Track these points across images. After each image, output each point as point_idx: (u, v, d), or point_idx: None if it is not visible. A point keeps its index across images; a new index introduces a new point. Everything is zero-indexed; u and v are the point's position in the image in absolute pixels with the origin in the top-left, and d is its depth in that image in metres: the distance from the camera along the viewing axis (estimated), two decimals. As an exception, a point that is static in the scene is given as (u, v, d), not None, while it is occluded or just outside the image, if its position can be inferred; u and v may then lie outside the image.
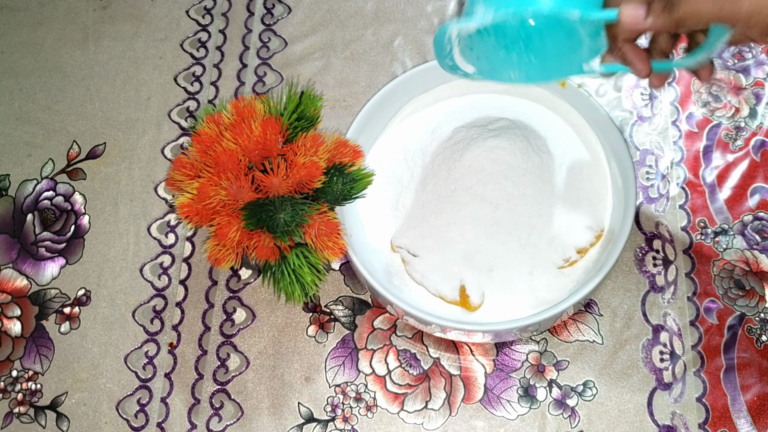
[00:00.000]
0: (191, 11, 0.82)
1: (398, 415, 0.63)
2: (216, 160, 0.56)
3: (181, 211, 0.57)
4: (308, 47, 0.79)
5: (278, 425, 0.64)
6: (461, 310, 0.62)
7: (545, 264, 0.63)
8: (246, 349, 0.66)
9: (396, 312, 0.63)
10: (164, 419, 0.64)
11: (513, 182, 0.62)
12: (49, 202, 0.73)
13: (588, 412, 0.63)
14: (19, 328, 0.68)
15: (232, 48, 0.80)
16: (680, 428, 0.62)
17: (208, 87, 0.78)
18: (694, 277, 0.67)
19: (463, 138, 0.64)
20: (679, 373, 0.63)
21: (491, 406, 0.63)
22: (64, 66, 0.80)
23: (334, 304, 0.67)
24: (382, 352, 0.66)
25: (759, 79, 0.75)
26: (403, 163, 0.67)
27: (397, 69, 0.78)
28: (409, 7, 0.81)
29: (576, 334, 0.65)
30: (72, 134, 0.76)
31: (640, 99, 0.75)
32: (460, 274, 0.63)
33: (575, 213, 0.64)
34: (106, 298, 0.69)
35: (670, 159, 0.72)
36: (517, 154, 0.62)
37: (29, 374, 0.67)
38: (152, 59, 0.80)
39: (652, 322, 0.65)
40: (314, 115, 0.61)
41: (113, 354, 0.67)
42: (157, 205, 0.73)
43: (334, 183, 0.59)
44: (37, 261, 0.71)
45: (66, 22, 0.82)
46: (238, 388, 0.65)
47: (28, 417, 0.65)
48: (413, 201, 0.65)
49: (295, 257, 0.58)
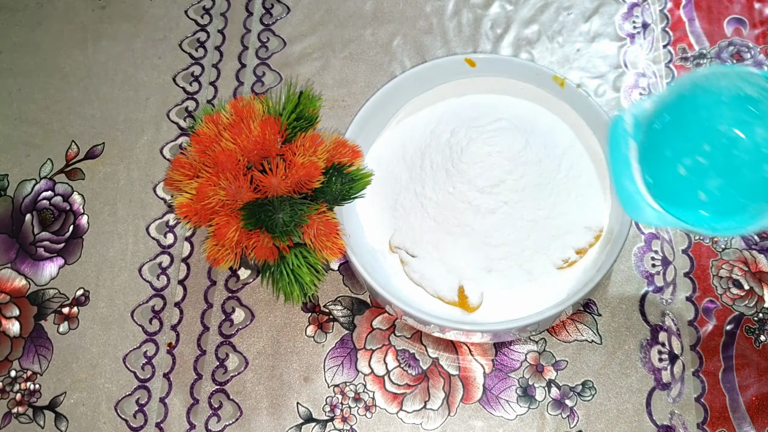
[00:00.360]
0: (190, 11, 0.82)
1: (397, 415, 0.63)
2: (215, 160, 0.56)
3: (179, 211, 0.57)
4: (307, 47, 0.79)
5: (277, 425, 0.64)
6: (460, 310, 0.62)
7: (544, 265, 0.63)
8: (245, 349, 0.66)
9: (395, 312, 0.63)
10: (163, 419, 0.64)
11: (512, 182, 0.62)
12: (48, 202, 0.73)
13: (587, 412, 0.63)
14: (17, 328, 0.68)
15: (231, 48, 0.80)
16: (679, 428, 0.62)
17: (206, 87, 0.78)
18: (692, 277, 0.67)
19: (463, 138, 0.64)
20: (678, 373, 0.64)
21: (490, 406, 0.63)
22: (63, 66, 0.80)
23: (332, 304, 0.67)
24: (380, 352, 0.66)
25: (757, 80, 0.75)
26: (402, 163, 0.67)
27: (396, 69, 0.78)
28: (408, 7, 0.81)
29: (575, 334, 0.65)
30: (71, 134, 0.76)
31: (639, 99, 0.75)
32: (458, 275, 0.63)
33: (574, 213, 0.64)
34: (105, 298, 0.69)
35: (669, 159, 0.72)
36: (516, 154, 0.62)
37: (28, 374, 0.66)
38: (151, 59, 0.80)
39: (650, 322, 0.65)
40: (313, 115, 0.61)
41: (112, 354, 0.67)
42: (155, 205, 0.73)
43: (333, 183, 0.59)
44: (35, 261, 0.71)
45: (64, 22, 0.82)
46: (237, 388, 0.65)
47: (27, 417, 0.65)
48: (412, 201, 0.65)
49: (294, 257, 0.58)
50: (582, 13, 0.80)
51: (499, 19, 0.80)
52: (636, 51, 0.77)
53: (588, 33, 0.78)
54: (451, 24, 0.80)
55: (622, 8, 0.80)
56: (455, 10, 0.80)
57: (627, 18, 0.79)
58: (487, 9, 0.80)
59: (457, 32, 0.79)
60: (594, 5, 0.80)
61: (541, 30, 0.79)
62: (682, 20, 0.78)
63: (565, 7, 0.80)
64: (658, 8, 0.79)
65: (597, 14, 0.79)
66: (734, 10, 0.78)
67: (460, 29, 0.79)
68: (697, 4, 0.79)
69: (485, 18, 0.80)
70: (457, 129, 0.65)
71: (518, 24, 0.79)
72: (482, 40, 0.79)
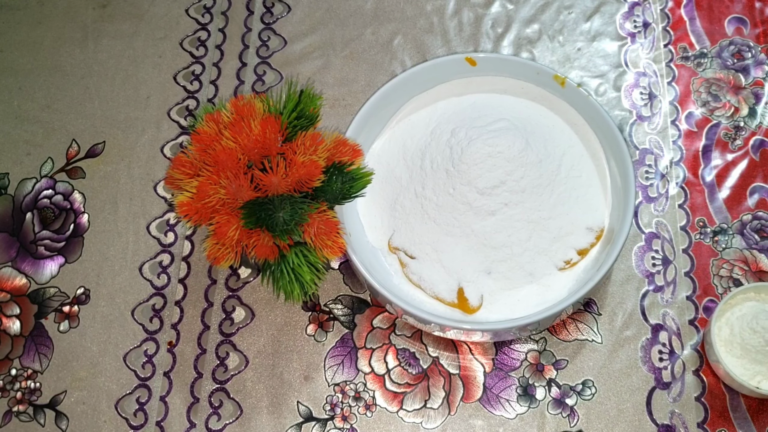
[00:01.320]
0: (191, 10, 0.82)
1: (397, 414, 0.63)
2: (215, 158, 0.56)
3: (180, 210, 0.57)
4: (308, 46, 0.79)
5: (277, 424, 0.64)
6: (460, 310, 0.62)
7: (545, 266, 0.63)
8: (245, 347, 0.66)
9: (395, 311, 0.63)
10: (163, 418, 0.64)
11: (512, 183, 0.62)
12: (49, 200, 0.73)
13: (587, 411, 0.63)
14: (18, 326, 0.68)
15: (232, 47, 0.80)
16: (679, 427, 0.62)
17: (207, 86, 0.78)
18: (693, 277, 0.67)
19: (463, 138, 0.64)
20: (678, 373, 0.64)
21: (490, 405, 0.63)
22: (64, 64, 0.80)
23: (333, 303, 0.67)
24: (381, 351, 0.66)
25: (758, 79, 0.75)
26: (402, 163, 0.67)
27: (397, 68, 0.78)
28: (408, 6, 0.81)
29: (575, 333, 0.65)
30: (71, 133, 0.76)
31: (640, 98, 0.75)
32: (458, 277, 0.62)
33: (575, 214, 0.64)
34: (106, 297, 0.69)
35: (670, 158, 0.72)
36: (516, 154, 0.62)
37: (28, 373, 0.67)
38: (152, 58, 0.80)
39: (651, 322, 0.65)
40: (314, 114, 0.61)
41: (112, 353, 0.67)
42: (156, 204, 0.73)
43: (333, 182, 0.59)
44: (36, 259, 0.71)
45: (65, 21, 0.82)
46: (237, 387, 0.65)
47: (27, 415, 0.65)
48: (412, 201, 0.65)
49: (295, 256, 0.58)
50: (583, 12, 0.80)
51: (499, 18, 0.80)
52: (637, 50, 0.77)
53: (589, 32, 0.78)
54: (451, 23, 0.80)
55: (622, 7, 0.79)
56: (456, 9, 0.80)
57: (628, 17, 0.79)
58: (487, 8, 0.80)
59: (457, 31, 0.79)
60: (595, 4, 0.80)
61: (542, 29, 0.79)
62: (683, 19, 0.78)
63: (565, 6, 0.80)
64: (659, 7, 0.79)
65: (598, 13, 0.79)
66: (735, 10, 0.78)
67: (461, 28, 0.79)
68: (698, 4, 0.79)
69: (486, 17, 0.80)
70: (457, 129, 0.65)
71: (519, 23, 0.79)
72: (483, 39, 0.79)
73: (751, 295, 0.63)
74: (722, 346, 0.61)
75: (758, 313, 0.61)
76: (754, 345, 0.60)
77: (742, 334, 0.60)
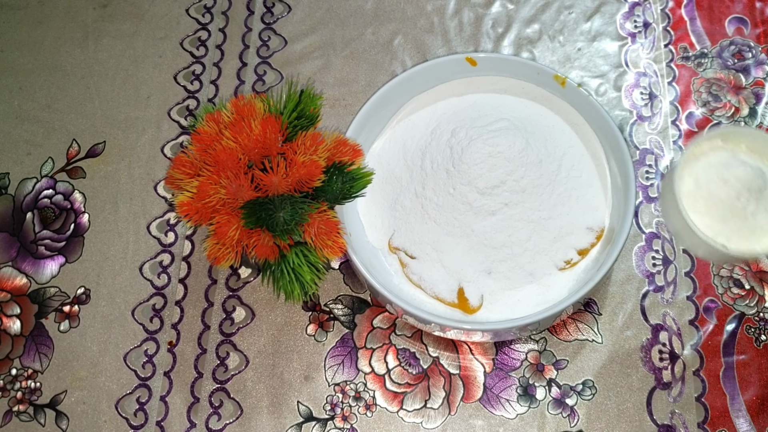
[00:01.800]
0: (191, 10, 0.82)
1: (397, 414, 0.63)
2: (215, 158, 0.56)
3: (180, 210, 0.57)
4: (308, 46, 0.79)
5: (277, 424, 0.64)
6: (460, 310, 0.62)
7: (546, 266, 0.63)
8: (245, 347, 0.66)
9: (395, 311, 0.63)
10: (163, 418, 0.64)
11: (512, 183, 0.62)
12: (49, 200, 0.73)
13: (587, 412, 0.63)
14: (18, 326, 0.68)
15: (232, 46, 0.80)
16: (679, 428, 0.62)
17: (207, 85, 0.78)
18: (693, 277, 0.67)
19: (463, 138, 0.64)
20: (679, 373, 0.64)
21: (490, 405, 0.63)
22: (64, 64, 0.80)
23: (333, 302, 0.67)
24: (381, 351, 0.66)
25: (759, 79, 0.75)
26: (403, 163, 0.67)
27: (397, 68, 0.78)
28: (408, 6, 0.81)
29: (575, 333, 0.65)
30: (72, 133, 0.76)
31: (640, 98, 0.75)
32: (458, 277, 0.63)
33: (575, 214, 0.64)
34: (106, 297, 0.69)
35: (670, 158, 0.72)
36: (516, 154, 0.62)
37: (28, 372, 0.67)
38: (152, 58, 0.80)
39: (651, 322, 0.65)
40: (314, 114, 0.61)
41: (113, 352, 0.67)
42: (156, 204, 0.73)
43: (333, 182, 0.59)
44: (36, 259, 0.71)
45: (66, 21, 0.82)
46: (238, 387, 0.65)
47: (28, 415, 0.65)
48: (412, 202, 0.65)
49: (295, 256, 0.58)
50: (583, 12, 0.80)
51: (500, 18, 0.80)
52: (637, 50, 0.77)
53: (589, 32, 0.78)
54: (452, 23, 0.80)
55: (623, 7, 0.79)
56: (456, 9, 0.80)
57: (628, 17, 0.79)
58: (488, 8, 0.80)
59: (458, 31, 0.79)
60: (595, 4, 0.80)
61: (542, 29, 0.79)
62: (683, 19, 0.78)
63: (566, 6, 0.80)
64: (659, 7, 0.79)
65: (598, 13, 0.79)
66: (735, 10, 0.78)
67: (461, 28, 0.79)
68: (699, 4, 0.79)
69: (486, 17, 0.80)
70: (457, 129, 0.65)
71: (519, 23, 0.79)
72: (483, 39, 0.79)
73: (718, 143, 0.54)
74: (684, 200, 0.52)
75: (730, 162, 0.53)
76: (722, 198, 0.52)
77: (710, 186, 0.52)
